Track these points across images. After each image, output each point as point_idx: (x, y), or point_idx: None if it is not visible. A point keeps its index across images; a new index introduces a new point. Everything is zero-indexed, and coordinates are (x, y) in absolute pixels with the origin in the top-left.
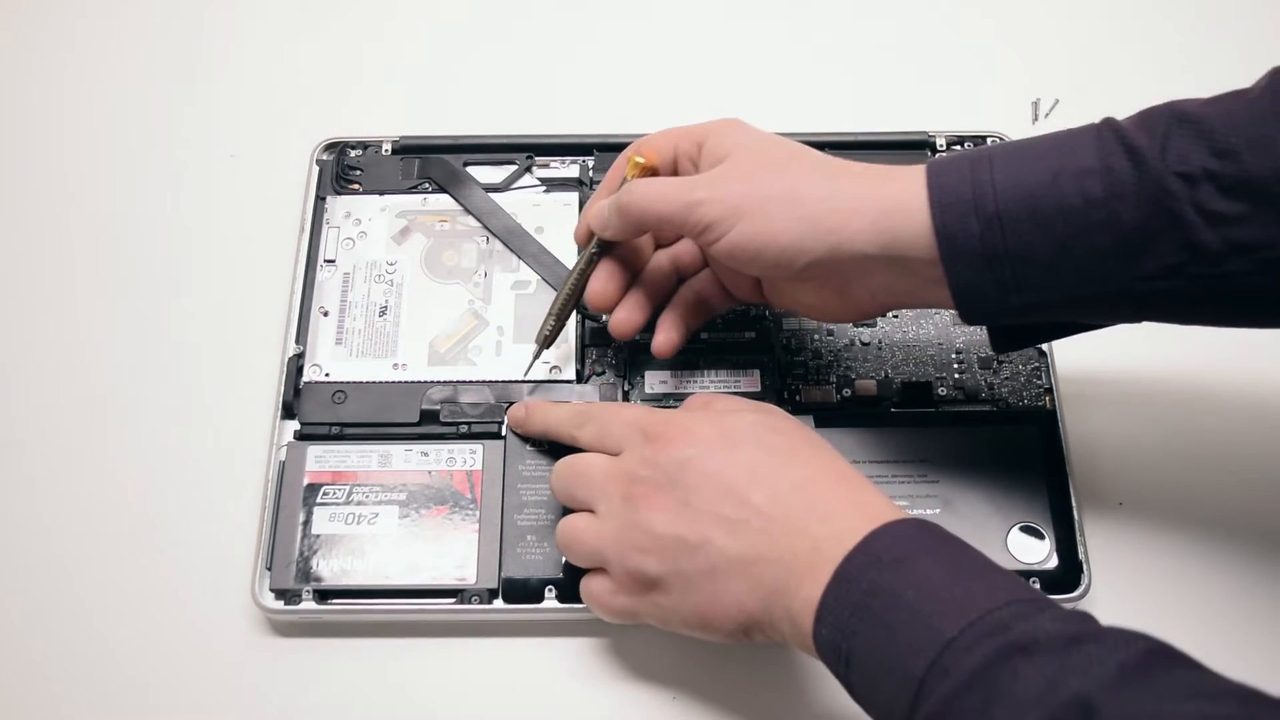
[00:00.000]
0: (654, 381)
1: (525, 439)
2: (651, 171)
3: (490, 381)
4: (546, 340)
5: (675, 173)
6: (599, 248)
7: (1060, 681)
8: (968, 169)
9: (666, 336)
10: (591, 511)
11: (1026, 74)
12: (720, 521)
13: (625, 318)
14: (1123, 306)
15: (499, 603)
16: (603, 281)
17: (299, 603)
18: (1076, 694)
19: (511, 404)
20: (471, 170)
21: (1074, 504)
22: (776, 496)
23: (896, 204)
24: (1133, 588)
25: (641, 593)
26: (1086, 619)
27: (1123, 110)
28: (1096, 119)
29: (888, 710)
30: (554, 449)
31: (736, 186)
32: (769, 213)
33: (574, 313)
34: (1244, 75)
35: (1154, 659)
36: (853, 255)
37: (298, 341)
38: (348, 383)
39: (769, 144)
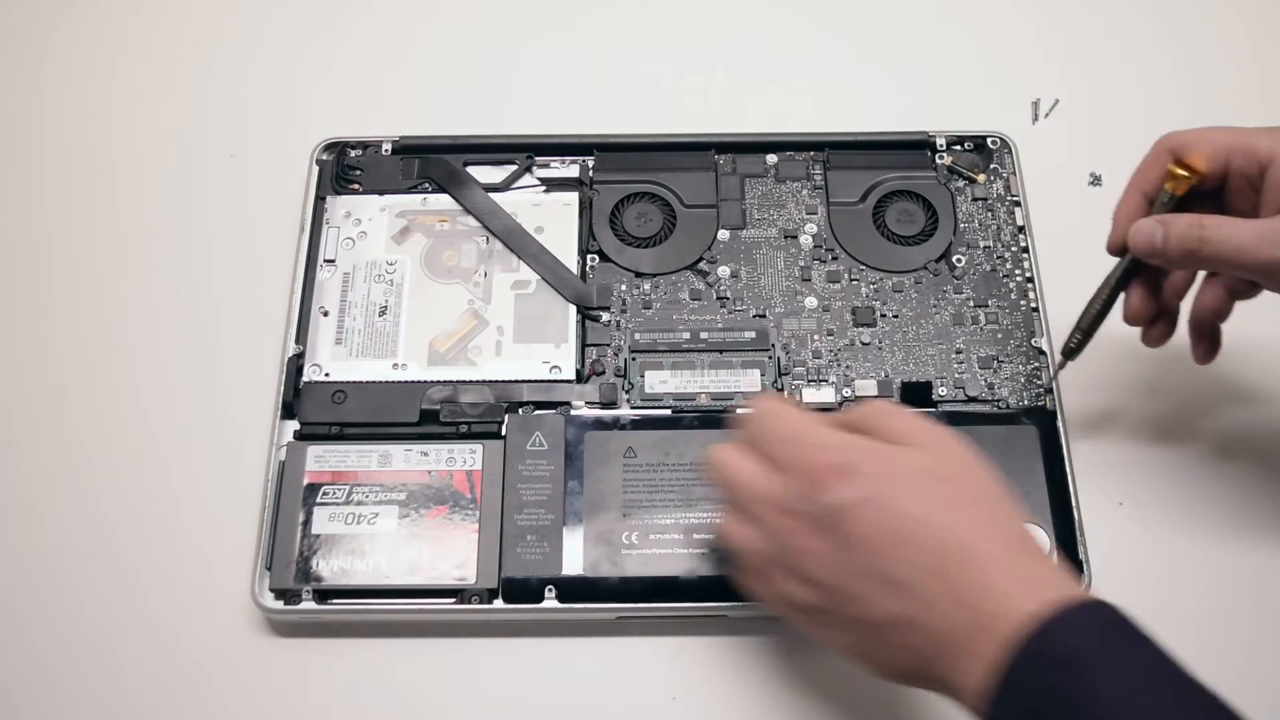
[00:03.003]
0: (654, 381)
1: (528, 445)
2: (1197, 182)
3: (490, 381)
4: (1072, 352)
5: (1224, 187)
6: (1134, 263)
7: None
8: None
9: (1205, 350)
10: (748, 521)
11: (1026, 74)
12: (876, 579)
13: (1161, 333)
14: None
15: (499, 603)
16: (1141, 300)
17: (299, 603)
18: None
19: (511, 404)
20: (471, 170)
21: (1074, 504)
22: (938, 561)
23: None
24: (1133, 588)
25: (798, 612)
26: None
27: (1123, 110)
28: (1096, 119)
29: None
30: (553, 451)
31: None
32: None
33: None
34: (1244, 75)
35: None
36: None
37: (298, 341)
38: (348, 383)
39: None
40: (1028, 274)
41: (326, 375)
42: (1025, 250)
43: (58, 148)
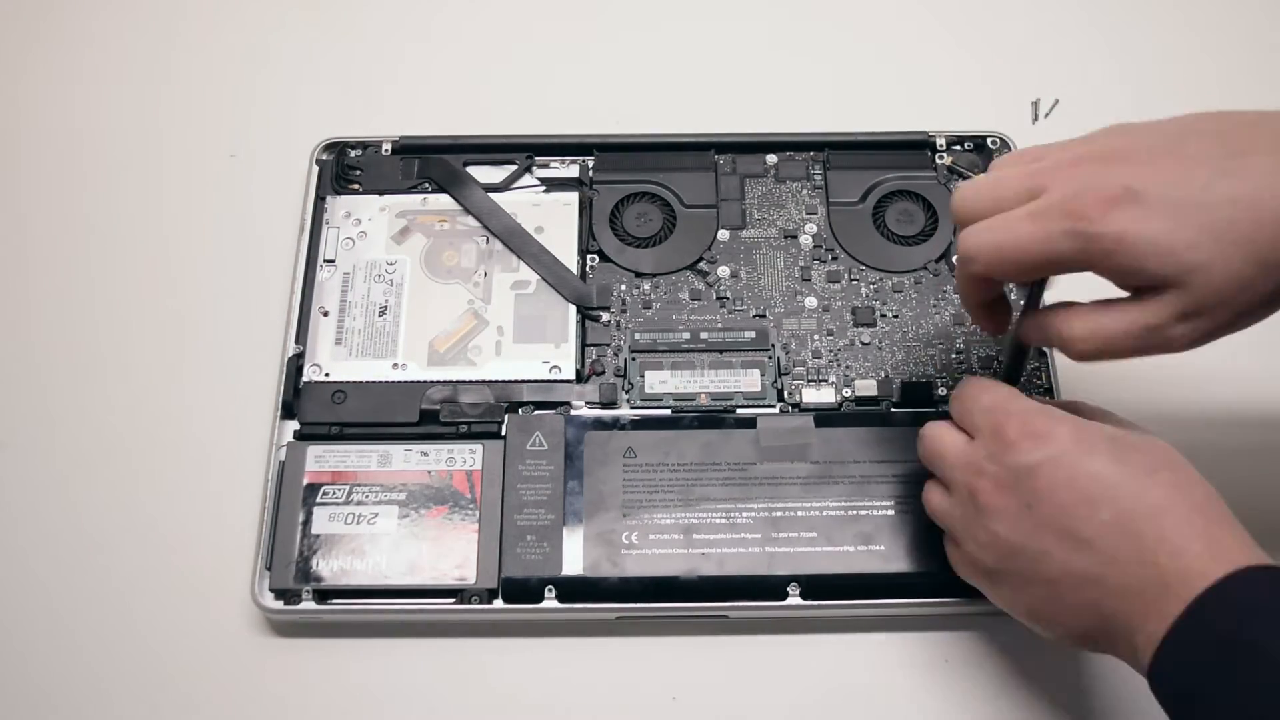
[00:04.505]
0: (654, 381)
1: (527, 445)
2: None
3: (490, 381)
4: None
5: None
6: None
7: None
8: None
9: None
10: (946, 487)
11: (1026, 74)
12: (1064, 535)
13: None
14: None
15: (499, 603)
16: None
17: (299, 603)
18: None
19: (511, 404)
20: (471, 170)
21: None
22: (1127, 519)
23: None
24: None
25: (981, 575)
26: None
27: (1123, 110)
28: (1096, 119)
29: None
30: (553, 451)
31: (1223, 315)
32: (1263, 291)
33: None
34: (1244, 75)
35: None
36: None
37: (297, 341)
38: (347, 383)
39: (1202, 251)
40: None
41: (326, 375)
42: None
43: (57, 148)
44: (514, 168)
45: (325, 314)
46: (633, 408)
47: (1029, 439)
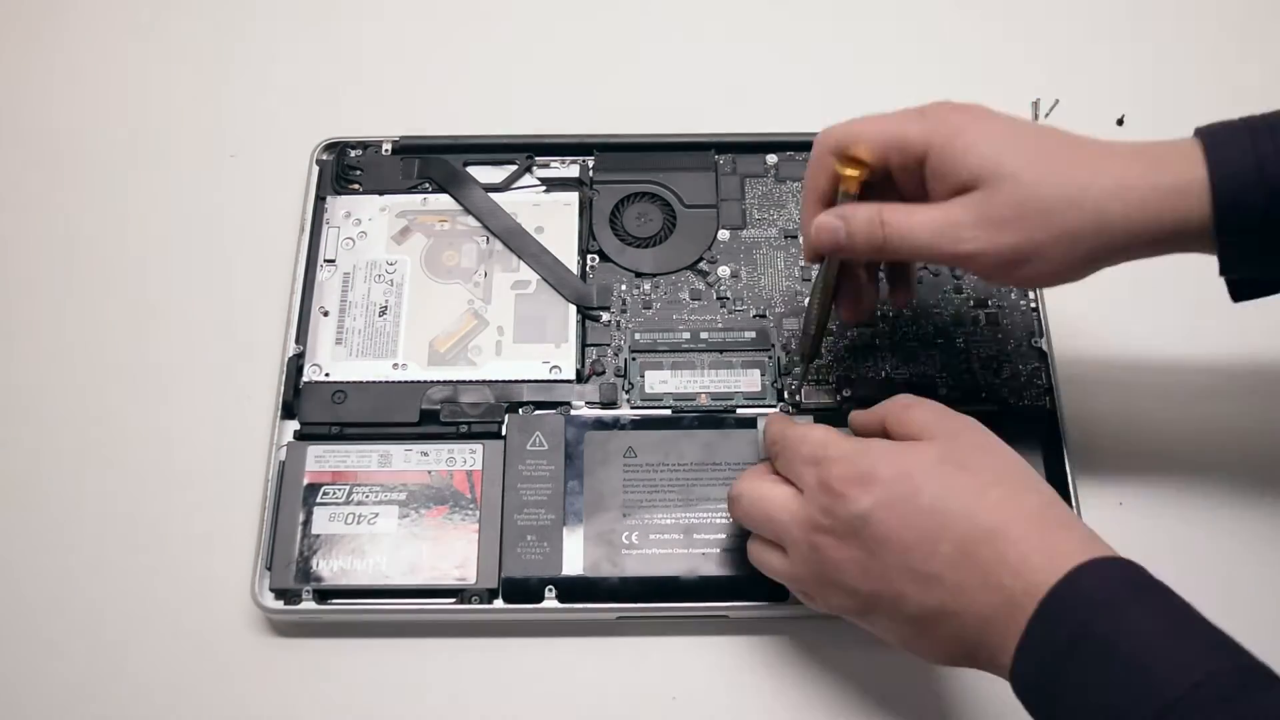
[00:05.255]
0: (654, 381)
1: (528, 445)
2: (867, 176)
3: (490, 381)
4: (808, 357)
5: (890, 179)
6: (835, 262)
7: None
8: (1249, 144)
9: (904, 296)
10: (780, 548)
11: (1026, 74)
12: (910, 577)
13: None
14: None
15: (499, 603)
16: (856, 298)
17: (299, 603)
18: None
19: (511, 404)
20: (471, 170)
21: (1074, 504)
22: (966, 548)
23: (1167, 203)
24: None
25: (848, 614)
26: None
27: (1123, 110)
28: (1096, 119)
29: None
30: (553, 451)
31: (1006, 238)
32: (1045, 257)
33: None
34: (1245, 73)
35: None
36: (1110, 263)
37: (298, 341)
38: (348, 383)
39: (1017, 158)
40: None
41: (326, 375)
42: None
43: (57, 147)
44: (514, 168)
45: (325, 314)
46: (633, 408)
47: (856, 486)
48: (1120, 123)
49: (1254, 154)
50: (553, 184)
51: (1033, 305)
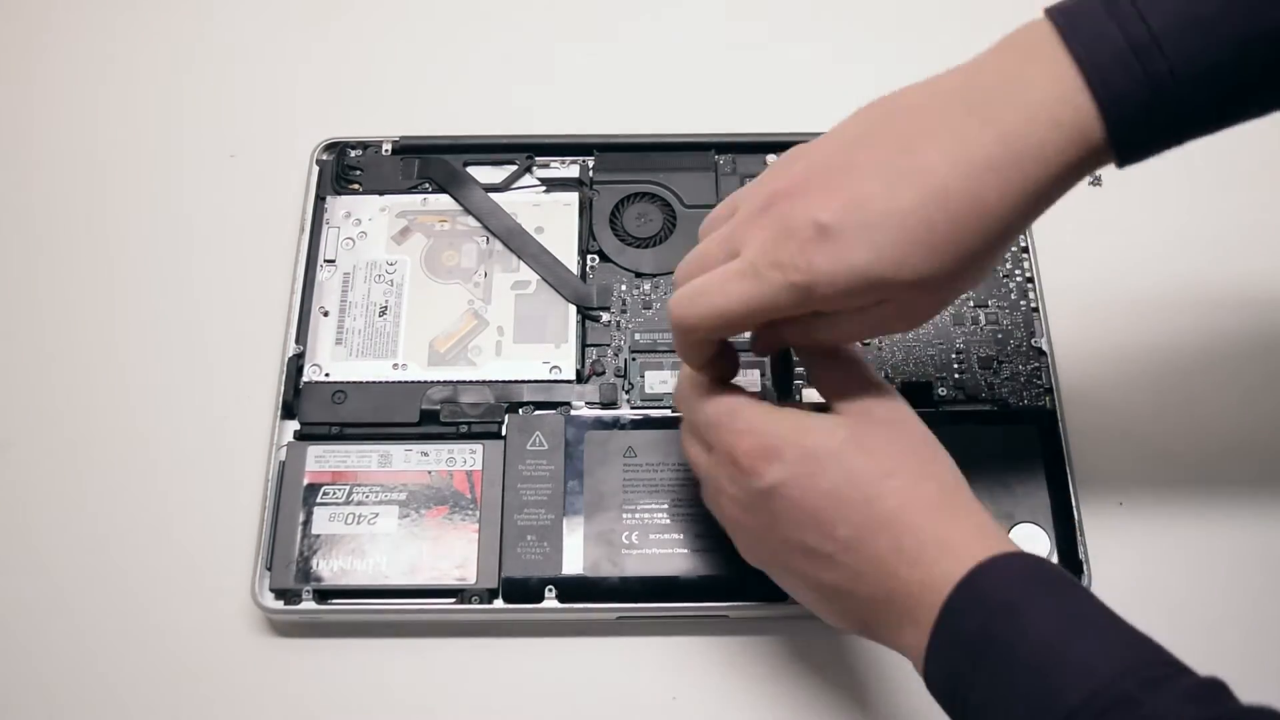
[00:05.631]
0: (654, 381)
1: (526, 445)
2: None
3: (490, 381)
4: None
5: None
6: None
7: None
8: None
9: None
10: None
11: None
12: (806, 554)
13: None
14: None
15: (499, 603)
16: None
17: (299, 603)
18: None
19: (511, 404)
20: (471, 170)
21: (1074, 504)
22: (861, 533)
23: (1043, 161)
24: (1133, 588)
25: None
26: (1219, 693)
27: None
28: None
29: None
30: (553, 451)
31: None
32: (974, 271)
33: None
34: None
35: None
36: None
37: (298, 341)
38: (348, 383)
39: (900, 248)
40: (1028, 274)
41: (326, 375)
42: (1025, 250)
43: (57, 147)
44: (514, 168)
45: (325, 314)
46: (633, 408)
47: (759, 461)
48: None
49: (1141, 71)
50: (553, 184)
51: (1033, 305)
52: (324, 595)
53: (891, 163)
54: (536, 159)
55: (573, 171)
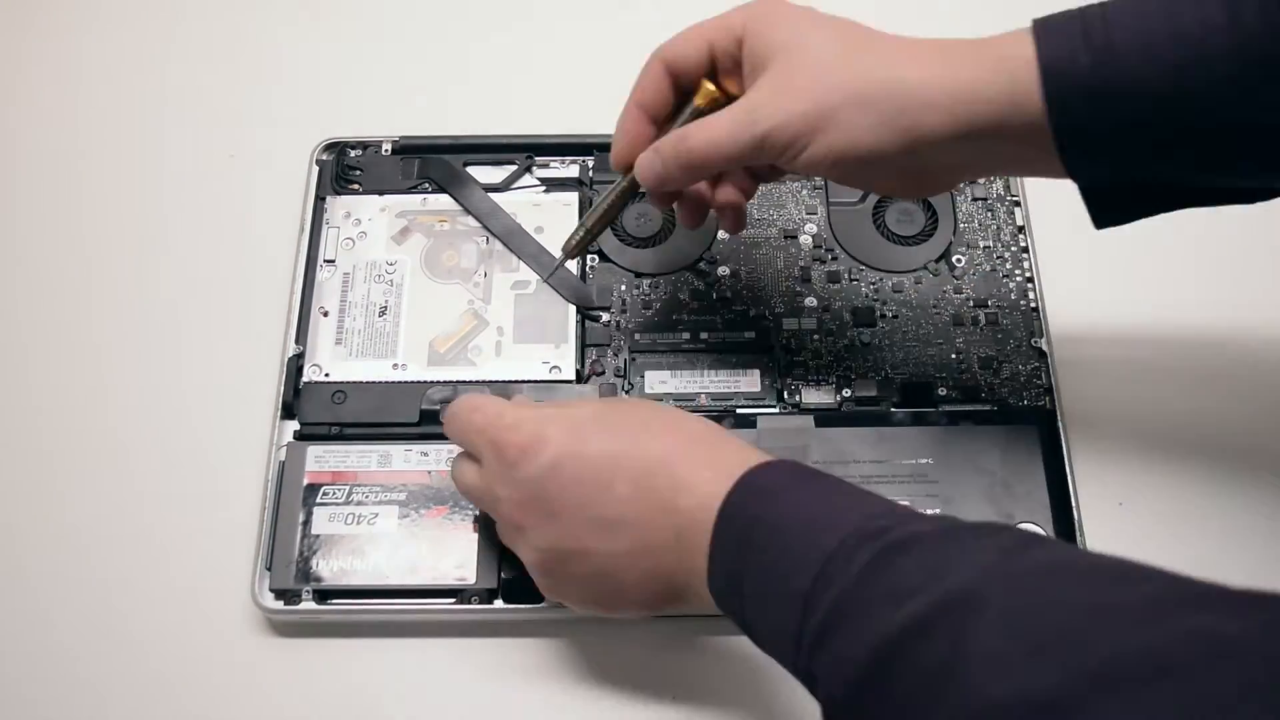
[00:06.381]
0: (654, 381)
1: None
2: (721, 97)
3: (490, 382)
4: (574, 252)
5: (715, 72)
6: (634, 182)
7: (942, 570)
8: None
9: (733, 224)
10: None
11: None
12: (593, 526)
13: (693, 214)
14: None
15: (499, 603)
16: (695, 208)
17: (299, 603)
18: (962, 582)
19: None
20: (471, 170)
21: (1074, 504)
22: (640, 481)
23: (977, 91)
24: None
25: (550, 591)
26: (959, 520)
27: None
28: None
29: (780, 634)
30: None
31: (799, 104)
32: (840, 122)
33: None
34: None
35: (1033, 544)
36: (933, 145)
37: (298, 341)
38: (348, 383)
39: (818, 34)
40: (1028, 274)
41: (326, 375)
42: (1025, 250)
43: (57, 148)
44: (514, 168)
45: (325, 314)
46: None
47: (529, 451)
48: None
49: (1082, 38)
50: (553, 184)
51: (1033, 305)
52: (324, 595)
53: (881, 70)
54: (536, 159)
55: (573, 171)
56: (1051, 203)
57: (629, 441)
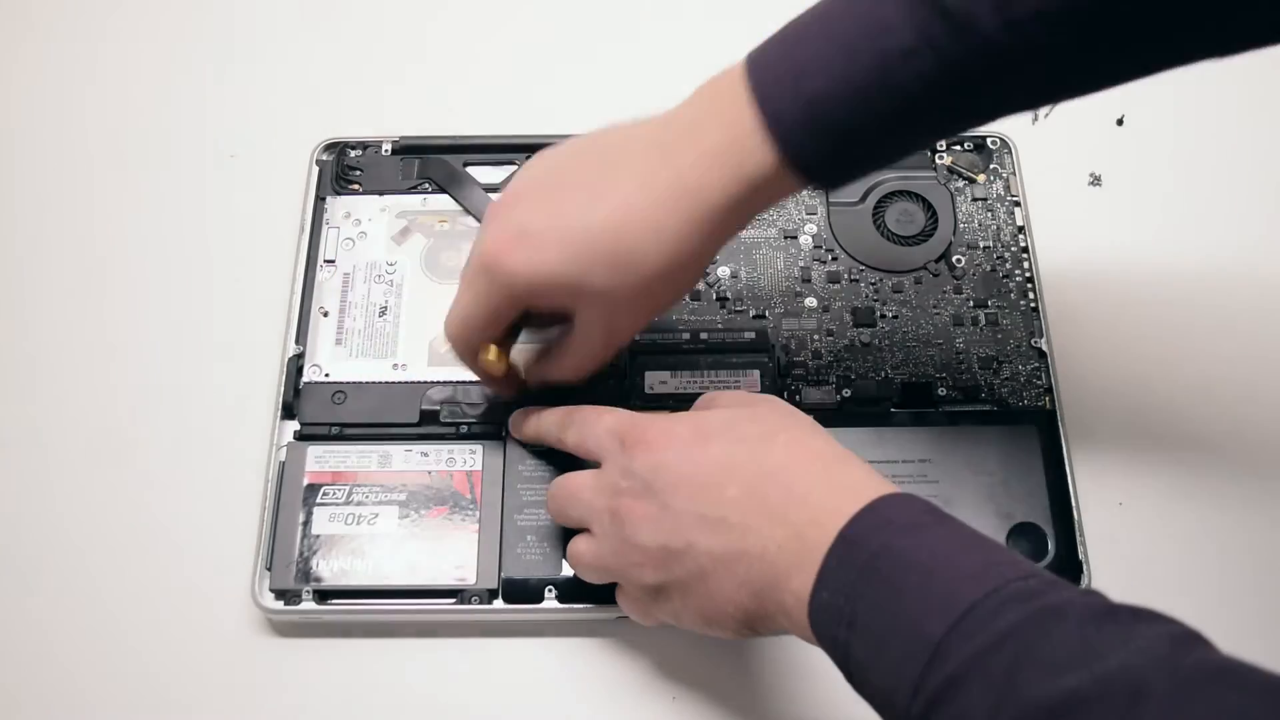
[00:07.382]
0: (654, 382)
1: (525, 444)
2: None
3: None
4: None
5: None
6: None
7: (1103, 649)
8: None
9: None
10: (589, 531)
11: None
12: (699, 522)
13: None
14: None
15: (499, 603)
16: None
17: (299, 603)
18: (1124, 665)
19: (510, 406)
20: (471, 170)
21: (1074, 504)
22: (753, 488)
23: (704, 197)
24: (1133, 588)
25: (651, 601)
26: (1106, 596)
27: (1120, 109)
28: (1096, 119)
29: (893, 676)
30: (554, 452)
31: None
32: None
33: None
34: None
35: (1199, 643)
36: (691, 261)
37: (298, 341)
38: (348, 383)
39: (586, 263)
40: (1028, 274)
41: (326, 375)
42: (1025, 250)
43: (57, 147)
44: (514, 168)
45: (325, 314)
46: (633, 408)
47: (654, 442)
48: (1120, 123)
49: (792, 95)
50: None
51: (1033, 305)
52: (324, 595)
53: (593, 182)
54: None
55: None
56: (1051, 203)
57: (749, 448)
